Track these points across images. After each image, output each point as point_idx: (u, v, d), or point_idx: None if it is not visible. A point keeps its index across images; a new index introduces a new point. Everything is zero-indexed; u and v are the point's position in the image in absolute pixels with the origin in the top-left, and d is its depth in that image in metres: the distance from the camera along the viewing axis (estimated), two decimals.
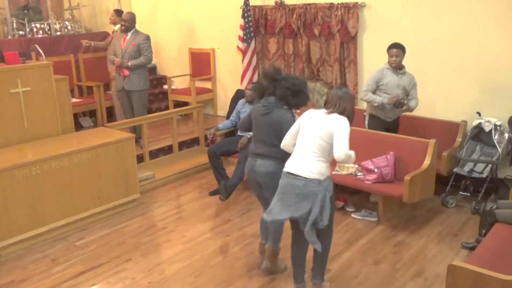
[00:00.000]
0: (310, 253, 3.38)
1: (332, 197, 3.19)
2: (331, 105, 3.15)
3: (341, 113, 3.10)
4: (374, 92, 4.85)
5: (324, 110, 3.18)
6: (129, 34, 6.10)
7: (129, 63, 5.97)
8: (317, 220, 3.06)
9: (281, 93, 3.45)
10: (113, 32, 6.87)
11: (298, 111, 3.85)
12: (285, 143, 3.32)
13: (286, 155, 3.38)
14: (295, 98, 3.47)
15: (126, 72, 6.04)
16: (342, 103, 3.12)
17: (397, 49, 4.77)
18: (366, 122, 5.10)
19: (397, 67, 4.82)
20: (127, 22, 6.07)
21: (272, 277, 3.68)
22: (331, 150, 3.07)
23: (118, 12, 6.76)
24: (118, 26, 6.54)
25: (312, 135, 3.11)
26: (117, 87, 6.22)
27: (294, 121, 3.38)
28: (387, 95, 4.79)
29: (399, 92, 4.79)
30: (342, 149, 2.97)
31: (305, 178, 3.07)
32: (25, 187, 4.16)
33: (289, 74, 3.70)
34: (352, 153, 3.04)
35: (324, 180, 3.10)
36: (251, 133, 3.81)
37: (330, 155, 3.11)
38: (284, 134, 3.34)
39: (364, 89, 4.92)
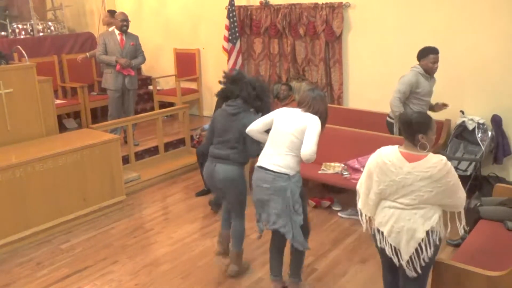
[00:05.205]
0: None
1: (302, 192, 3.19)
2: (305, 105, 3.19)
3: (315, 114, 3.15)
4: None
5: (299, 109, 3.22)
6: (124, 34, 6.10)
7: (132, 63, 6.13)
8: (292, 216, 3.10)
9: (246, 94, 3.43)
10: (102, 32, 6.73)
11: None
12: (252, 128, 3.31)
13: (246, 158, 3.50)
14: (259, 101, 3.47)
15: (133, 72, 6.16)
16: (316, 104, 3.16)
17: (437, 55, 4.43)
18: (396, 129, 4.64)
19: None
20: (128, 21, 6.13)
21: (259, 277, 3.69)
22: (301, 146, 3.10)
23: (112, 13, 6.67)
24: (113, 27, 6.49)
25: (285, 131, 3.14)
26: (114, 86, 6.12)
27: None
28: (419, 102, 4.49)
29: (429, 99, 4.60)
30: (309, 149, 3.00)
31: (274, 172, 3.11)
32: (8, 190, 4.10)
33: (252, 78, 3.63)
34: (314, 157, 3.05)
35: (293, 175, 3.12)
36: None
37: (300, 150, 3.13)
38: (248, 137, 3.37)
39: (398, 95, 4.46)
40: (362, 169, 4.59)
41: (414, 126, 2.61)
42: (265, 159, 3.20)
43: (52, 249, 4.22)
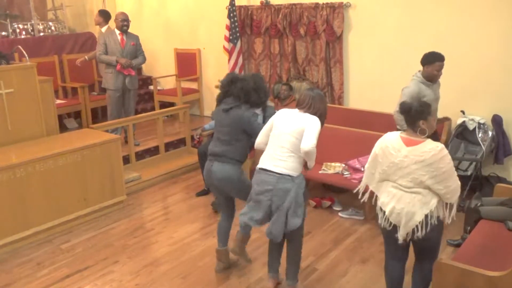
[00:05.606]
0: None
1: (305, 194, 3.20)
2: (304, 105, 3.19)
3: (315, 113, 3.15)
4: None
5: (297, 110, 3.22)
6: (125, 34, 6.10)
7: (133, 63, 6.12)
8: (288, 216, 3.09)
9: (243, 88, 3.46)
10: (99, 33, 6.76)
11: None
12: (258, 142, 3.34)
13: (243, 157, 3.52)
14: (257, 94, 3.50)
15: (133, 72, 6.16)
16: (316, 104, 3.17)
17: (443, 62, 4.19)
18: None
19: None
20: (128, 21, 6.13)
21: (260, 277, 3.68)
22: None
23: (102, 13, 6.67)
24: (106, 27, 6.49)
25: (285, 132, 3.14)
26: (114, 86, 6.11)
27: (254, 116, 3.49)
28: None
29: (436, 106, 4.35)
30: (309, 143, 3.00)
31: (278, 174, 3.11)
32: (9, 190, 4.10)
33: (245, 75, 3.70)
34: (315, 151, 3.06)
35: (297, 176, 3.13)
36: None
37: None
38: (244, 131, 3.43)
39: (398, 109, 4.04)
40: (362, 169, 4.59)
41: (413, 113, 2.82)
42: (266, 161, 3.19)
43: (52, 249, 4.22)
